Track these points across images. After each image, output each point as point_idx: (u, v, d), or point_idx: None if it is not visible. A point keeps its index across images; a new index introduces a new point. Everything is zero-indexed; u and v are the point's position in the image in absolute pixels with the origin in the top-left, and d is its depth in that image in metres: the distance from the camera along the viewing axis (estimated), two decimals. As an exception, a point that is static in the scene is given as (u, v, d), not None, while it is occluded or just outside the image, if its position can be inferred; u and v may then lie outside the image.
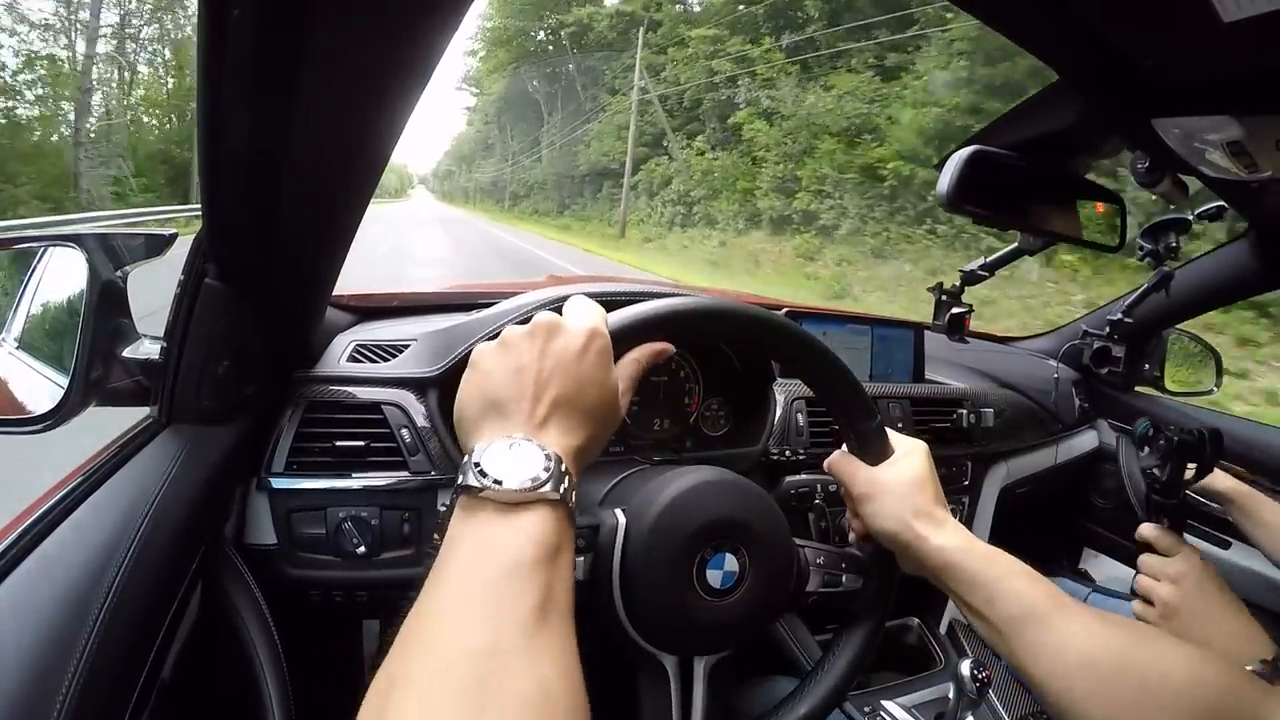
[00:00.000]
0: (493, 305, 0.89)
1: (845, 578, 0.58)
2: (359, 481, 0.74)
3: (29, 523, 0.52)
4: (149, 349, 0.64)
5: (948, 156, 0.68)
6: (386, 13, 0.38)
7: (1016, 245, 1.07)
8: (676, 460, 0.86)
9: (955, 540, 0.53)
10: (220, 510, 0.69)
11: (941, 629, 1.16)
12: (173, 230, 0.64)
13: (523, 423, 0.40)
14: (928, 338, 1.23)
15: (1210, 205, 1.06)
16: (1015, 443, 1.25)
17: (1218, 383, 1.41)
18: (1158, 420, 0.80)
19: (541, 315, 0.43)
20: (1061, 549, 1.55)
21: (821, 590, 0.57)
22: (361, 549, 0.72)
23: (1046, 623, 0.48)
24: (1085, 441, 1.42)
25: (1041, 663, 0.48)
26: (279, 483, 0.72)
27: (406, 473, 0.75)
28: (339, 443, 0.74)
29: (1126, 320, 1.29)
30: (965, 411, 1.13)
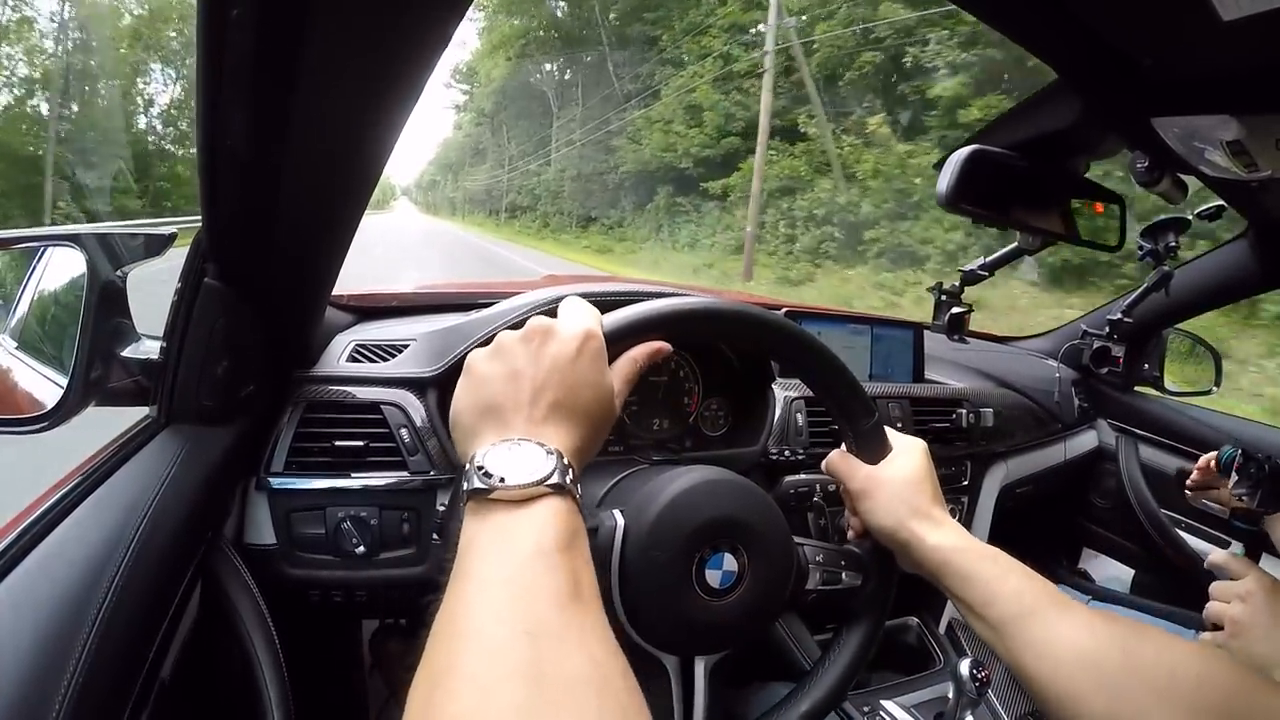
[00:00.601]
0: (492, 305, 0.89)
1: (845, 575, 0.58)
2: (358, 481, 0.74)
3: (29, 522, 0.52)
4: (148, 349, 0.64)
5: (947, 156, 0.68)
6: (386, 10, 0.38)
7: (1016, 245, 1.07)
8: (676, 460, 0.86)
9: (952, 539, 0.53)
10: (220, 510, 0.68)
11: (941, 629, 1.16)
12: (173, 230, 0.64)
13: (522, 425, 0.40)
14: (927, 337, 1.23)
15: (1210, 205, 1.06)
16: (1015, 443, 1.25)
17: (1217, 382, 1.41)
18: (1246, 447, 0.80)
19: (536, 320, 0.43)
20: (1061, 549, 1.55)
21: (821, 588, 0.57)
22: (361, 549, 0.72)
23: (1046, 621, 0.47)
24: (1085, 441, 1.42)
25: (1044, 662, 0.47)
26: (278, 483, 0.72)
27: (406, 473, 0.75)
28: (338, 443, 0.74)
29: (1126, 320, 1.29)
30: (965, 411, 1.13)
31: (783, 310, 1.11)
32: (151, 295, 0.71)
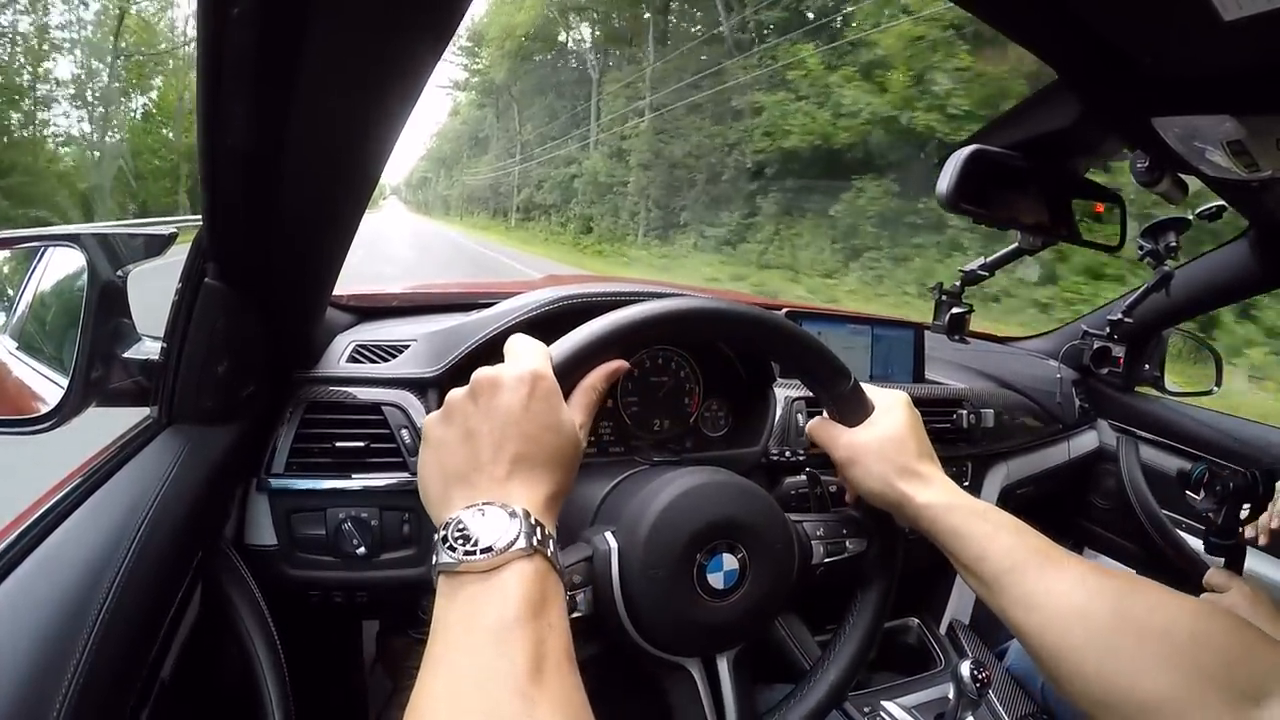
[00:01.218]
0: (493, 305, 0.89)
1: (849, 543, 0.58)
2: (359, 482, 0.74)
3: (29, 523, 0.52)
4: (149, 349, 0.64)
5: (946, 156, 0.68)
6: (387, 6, 0.38)
7: (1016, 245, 1.07)
8: (676, 461, 0.86)
9: (943, 496, 0.52)
10: (220, 511, 0.68)
11: (941, 629, 1.16)
12: (173, 229, 0.64)
13: (486, 485, 0.40)
14: (928, 338, 1.23)
15: (1210, 205, 1.06)
16: (1015, 443, 1.25)
17: (1218, 382, 1.41)
18: (1245, 448, 0.82)
19: (480, 372, 0.42)
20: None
21: (828, 560, 0.57)
22: (361, 550, 0.72)
23: (1038, 573, 0.46)
24: (1085, 442, 1.42)
25: (1033, 615, 0.46)
26: (279, 483, 0.72)
27: (407, 473, 0.75)
28: (339, 443, 0.74)
29: (1126, 320, 1.29)
30: (965, 412, 1.12)
31: (783, 310, 1.11)
32: (151, 292, 0.71)
